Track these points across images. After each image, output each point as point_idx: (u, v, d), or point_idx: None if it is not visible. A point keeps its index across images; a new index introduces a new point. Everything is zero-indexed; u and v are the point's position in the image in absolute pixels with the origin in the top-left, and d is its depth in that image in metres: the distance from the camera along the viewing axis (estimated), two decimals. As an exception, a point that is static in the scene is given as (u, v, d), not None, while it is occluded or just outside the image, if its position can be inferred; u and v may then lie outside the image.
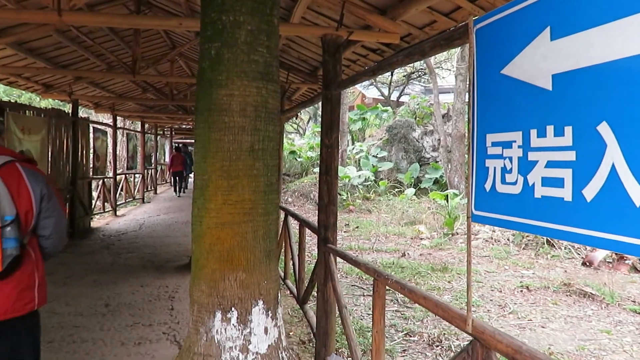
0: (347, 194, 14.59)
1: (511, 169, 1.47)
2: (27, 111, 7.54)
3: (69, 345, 4.22)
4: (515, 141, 1.46)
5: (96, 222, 11.10)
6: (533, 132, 1.38)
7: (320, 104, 4.01)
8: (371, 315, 5.31)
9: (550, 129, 1.31)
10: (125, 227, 10.58)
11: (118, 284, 6.13)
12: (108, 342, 4.28)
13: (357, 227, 11.17)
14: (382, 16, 3.71)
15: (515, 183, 1.46)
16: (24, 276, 2.30)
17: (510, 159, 1.48)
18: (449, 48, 2.19)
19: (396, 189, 15.15)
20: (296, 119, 14.03)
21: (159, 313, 5.07)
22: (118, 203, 13.26)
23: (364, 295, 6.08)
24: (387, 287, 2.66)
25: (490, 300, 6.10)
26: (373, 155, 16.71)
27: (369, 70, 2.99)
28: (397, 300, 5.81)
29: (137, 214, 12.95)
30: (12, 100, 7.71)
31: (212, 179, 2.64)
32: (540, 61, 1.35)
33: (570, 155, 1.24)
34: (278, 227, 6.37)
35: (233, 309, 2.60)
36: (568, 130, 1.25)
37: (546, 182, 1.33)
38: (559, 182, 1.28)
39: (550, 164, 1.32)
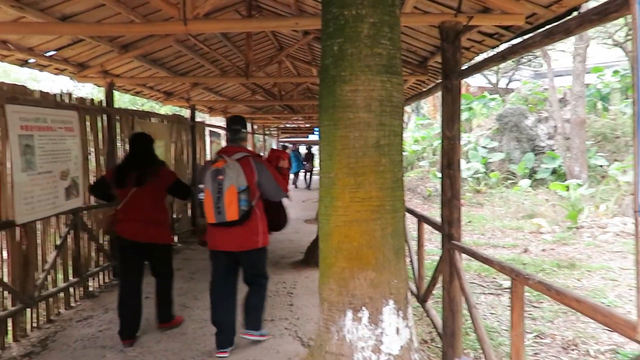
0: (456, 187, 14.10)
1: None
2: (151, 118, 8.11)
3: (200, 337, 4.45)
4: None
5: (214, 219, 11.70)
6: None
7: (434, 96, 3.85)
8: (495, 315, 5.07)
9: None
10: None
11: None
12: (236, 336, 4.46)
13: (470, 222, 10.74)
14: (505, -4, 3.47)
15: None
16: (251, 225, 3.86)
17: None
18: (601, 23, 1.96)
19: (509, 181, 14.36)
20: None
21: (280, 309, 5.20)
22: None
23: (484, 294, 5.80)
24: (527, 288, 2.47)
25: (630, 300, 5.54)
26: (482, 146, 15.97)
27: (497, 55, 2.79)
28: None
29: (250, 211, 13.47)
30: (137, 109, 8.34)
31: (338, 176, 2.61)
32: None
33: None
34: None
35: (364, 308, 2.56)
36: None
37: None
38: None
39: None
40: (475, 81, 27.83)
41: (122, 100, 20.00)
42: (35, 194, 4.71)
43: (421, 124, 23.53)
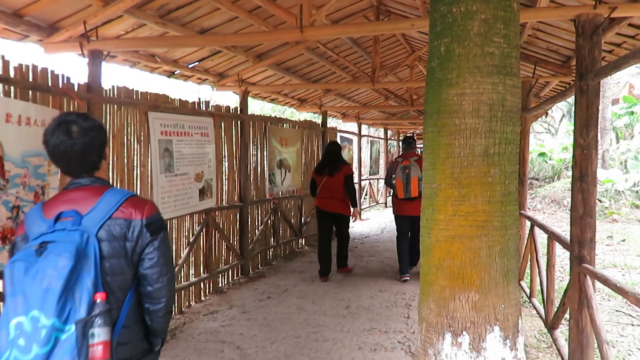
0: (610, 200, 12.55)
1: None
2: (284, 124, 8.44)
3: (312, 342, 4.48)
4: None
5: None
6: None
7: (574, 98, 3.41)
8: (644, 353, 4.37)
9: None
10: (368, 231, 11.03)
11: (359, 286, 6.35)
12: (347, 344, 4.42)
13: (624, 240, 9.48)
14: (659, -19, 2.96)
15: None
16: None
17: None
18: None
19: (678, 196, 12.44)
20: (546, 117, 12.73)
21: (395, 320, 5.04)
22: (363, 207, 13.96)
23: (632, 325, 5.04)
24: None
25: None
26: (645, 155, 14.08)
27: (638, 51, 2.38)
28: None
29: (380, 217, 13.42)
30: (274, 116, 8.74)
31: (441, 187, 2.42)
32: None
33: None
34: (521, 241, 5.75)
35: (464, 332, 2.34)
36: None
37: None
38: None
39: None
40: (640, 82, 24.68)
41: (264, 109, 21.23)
42: (172, 194, 5.14)
43: (572, 130, 21.44)
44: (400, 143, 6.65)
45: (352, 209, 6.91)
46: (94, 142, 1.73)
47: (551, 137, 26.30)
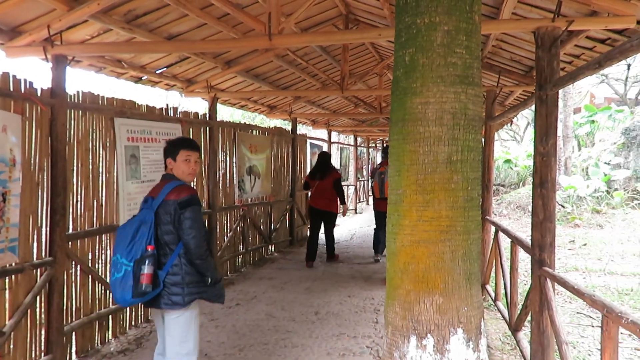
0: (573, 206, 12.95)
1: None
2: (253, 131, 8.43)
3: (281, 349, 4.48)
4: None
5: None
6: None
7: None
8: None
9: None
10: (338, 237, 11.05)
11: (328, 292, 6.38)
12: (315, 350, 4.43)
13: (585, 245, 9.80)
14: (612, -3, 3.10)
15: None
16: None
17: None
18: None
19: (635, 201, 12.90)
20: (511, 125, 13.06)
21: (364, 325, 5.09)
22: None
23: (592, 326, 5.21)
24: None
25: None
26: (605, 162, 14.55)
27: (592, 63, 2.49)
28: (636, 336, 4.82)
29: (350, 224, 13.49)
30: (244, 122, 8.72)
31: (406, 193, 2.48)
32: None
33: None
34: (486, 245, 5.89)
35: (429, 335, 2.39)
36: None
37: None
38: None
39: None
40: (600, 91, 25.62)
41: (234, 115, 21.10)
42: (139, 200, 5.06)
43: (536, 138, 22.01)
44: (381, 152, 8.22)
45: (341, 206, 8.42)
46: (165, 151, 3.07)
47: (517, 144, 26.96)
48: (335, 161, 16.11)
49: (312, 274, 7.46)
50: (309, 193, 8.28)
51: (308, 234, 8.54)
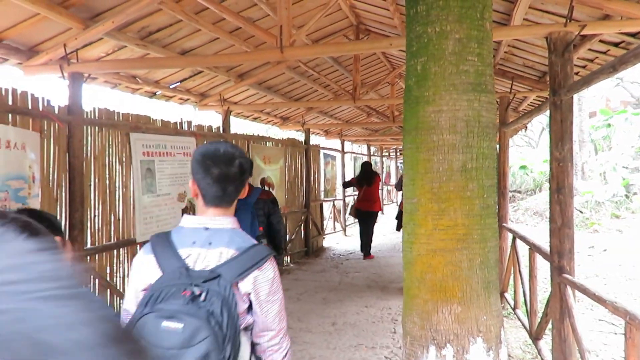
0: (591, 211, 12.76)
1: None
2: (267, 142, 8.48)
3: (299, 360, 4.46)
4: None
5: (328, 241, 11.81)
6: None
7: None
8: (626, 361, 4.42)
9: None
10: (353, 247, 11.03)
11: (344, 302, 6.35)
12: (333, 361, 4.40)
13: (605, 250, 9.63)
14: (625, 0, 3.08)
15: None
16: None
17: None
18: None
19: (657, 205, 12.69)
20: (525, 130, 12.97)
21: (382, 336, 5.05)
22: (347, 223, 13.97)
23: (615, 334, 5.10)
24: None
25: None
26: (623, 166, 14.35)
27: (606, 67, 2.47)
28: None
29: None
30: (256, 134, 8.78)
31: (421, 202, 2.47)
32: None
33: None
34: (504, 253, 5.82)
35: (448, 344, 2.36)
36: None
37: None
38: None
39: None
40: (615, 95, 25.31)
41: (248, 127, 21.15)
42: (155, 214, 5.12)
43: (552, 143, 21.76)
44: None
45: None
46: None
47: (532, 150, 26.69)
48: (348, 171, 16.14)
49: (328, 284, 7.43)
50: (355, 197, 10.19)
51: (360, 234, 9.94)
